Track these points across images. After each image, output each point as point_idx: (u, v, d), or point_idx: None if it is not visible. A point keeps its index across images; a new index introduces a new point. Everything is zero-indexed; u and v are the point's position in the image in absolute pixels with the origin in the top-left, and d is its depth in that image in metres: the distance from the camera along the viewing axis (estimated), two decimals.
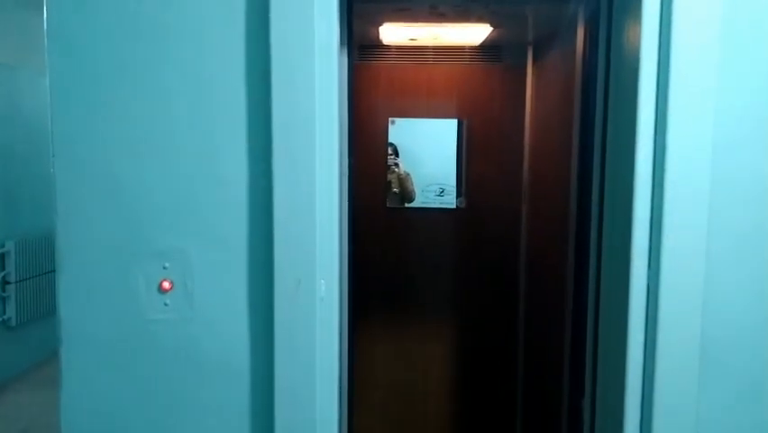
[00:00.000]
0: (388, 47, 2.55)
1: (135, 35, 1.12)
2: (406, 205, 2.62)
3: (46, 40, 1.12)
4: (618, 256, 1.26)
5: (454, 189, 2.63)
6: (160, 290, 1.17)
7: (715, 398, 1.20)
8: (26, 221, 4.31)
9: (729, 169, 1.16)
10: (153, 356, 1.17)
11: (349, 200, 1.41)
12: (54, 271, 1.18)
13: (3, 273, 4.11)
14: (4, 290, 4.14)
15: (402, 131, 2.60)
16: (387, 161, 2.60)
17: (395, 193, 2.62)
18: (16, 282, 4.19)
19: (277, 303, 1.14)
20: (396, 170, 2.61)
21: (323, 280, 1.17)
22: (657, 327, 1.17)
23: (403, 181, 2.62)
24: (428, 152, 2.62)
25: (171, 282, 1.17)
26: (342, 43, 1.29)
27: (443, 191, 2.63)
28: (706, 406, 1.19)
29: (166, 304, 1.17)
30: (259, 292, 1.16)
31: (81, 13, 1.12)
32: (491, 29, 2.24)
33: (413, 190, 2.61)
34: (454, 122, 2.60)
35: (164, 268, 1.16)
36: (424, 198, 2.62)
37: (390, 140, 2.60)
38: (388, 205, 2.62)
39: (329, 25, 1.14)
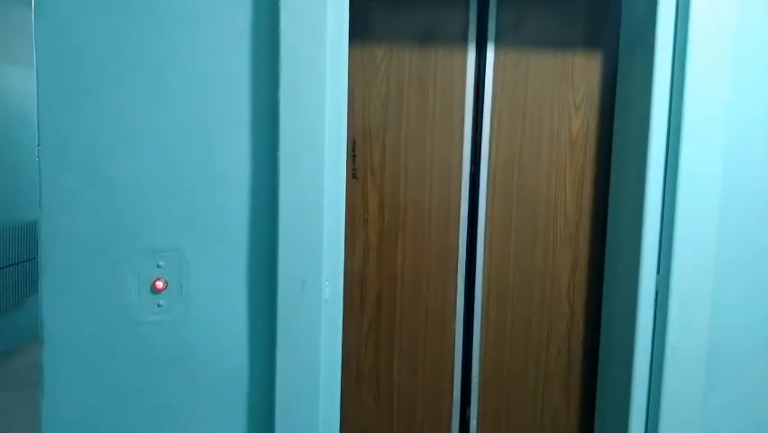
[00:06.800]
0: None
1: (133, 18, 1.04)
2: None
3: (33, 18, 1.03)
4: (624, 262, 1.24)
5: None
6: (153, 289, 1.09)
7: (720, 401, 1.19)
8: None
9: (739, 180, 1.16)
10: (144, 361, 1.09)
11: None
12: (19, 263, 1.08)
13: None
14: None
15: None
16: None
17: None
18: None
19: (280, 305, 1.08)
20: None
21: (327, 281, 1.11)
22: (666, 331, 1.16)
23: None
24: None
25: (165, 282, 1.09)
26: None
27: None
28: (711, 409, 1.19)
29: (159, 305, 1.09)
30: (260, 293, 1.10)
31: None
32: None
33: None
34: None
35: (158, 266, 1.09)
36: None
37: None
38: None
39: (339, 18, 1.09)
